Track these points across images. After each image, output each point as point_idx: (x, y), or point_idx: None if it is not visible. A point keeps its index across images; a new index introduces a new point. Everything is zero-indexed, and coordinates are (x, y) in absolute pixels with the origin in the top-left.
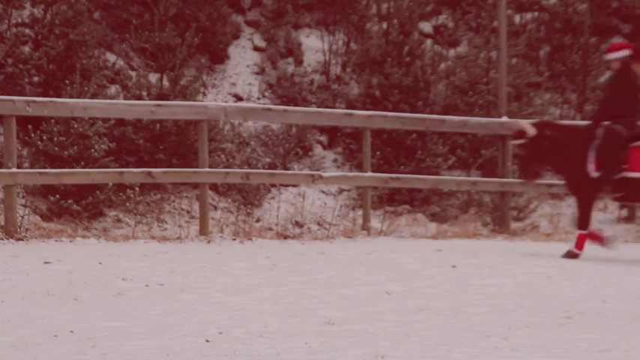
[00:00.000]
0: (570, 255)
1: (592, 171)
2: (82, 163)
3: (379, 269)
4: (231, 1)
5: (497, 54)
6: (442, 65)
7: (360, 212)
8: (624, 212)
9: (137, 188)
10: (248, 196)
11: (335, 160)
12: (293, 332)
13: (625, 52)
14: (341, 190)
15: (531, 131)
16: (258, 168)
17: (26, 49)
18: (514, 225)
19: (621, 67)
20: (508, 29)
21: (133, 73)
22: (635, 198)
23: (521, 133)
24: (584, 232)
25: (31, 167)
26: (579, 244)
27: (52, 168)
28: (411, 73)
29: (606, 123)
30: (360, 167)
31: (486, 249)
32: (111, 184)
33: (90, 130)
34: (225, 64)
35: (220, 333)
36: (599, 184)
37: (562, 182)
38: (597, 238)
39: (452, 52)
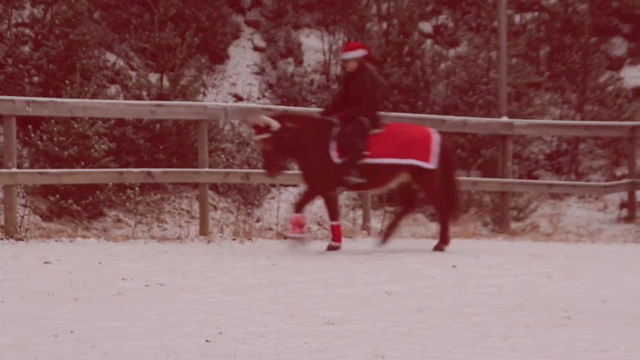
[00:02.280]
0: (331, 248)
1: (335, 157)
2: (82, 163)
3: (379, 269)
4: (231, 1)
5: (497, 54)
6: (442, 65)
7: (360, 212)
8: (624, 212)
9: (137, 188)
10: (248, 196)
11: None
12: (293, 332)
13: (361, 52)
14: (341, 190)
15: (275, 125)
16: (258, 168)
17: (26, 49)
18: (514, 225)
19: (359, 67)
20: (508, 29)
21: (133, 73)
22: (377, 185)
23: (264, 128)
24: (337, 223)
25: (31, 167)
26: (337, 236)
27: (52, 168)
28: (411, 73)
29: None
30: None
31: (486, 249)
32: (111, 184)
33: (90, 130)
34: (225, 64)
35: (220, 333)
36: (343, 171)
37: (301, 174)
38: (299, 226)
39: (452, 52)
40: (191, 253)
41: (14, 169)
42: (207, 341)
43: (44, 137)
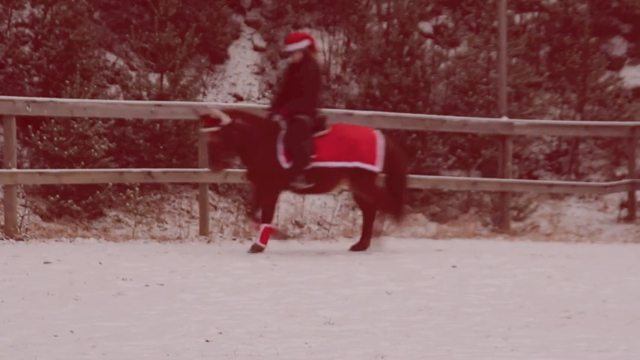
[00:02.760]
0: (255, 249)
1: (283, 162)
2: (82, 163)
3: (379, 269)
4: (231, 1)
5: (497, 54)
6: (442, 65)
7: (360, 212)
8: (624, 212)
9: (137, 188)
10: (248, 196)
11: None
12: (293, 332)
13: (305, 43)
14: (341, 190)
15: (226, 119)
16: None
17: (26, 49)
18: (514, 225)
19: (304, 58)
20: (508, 29)
21: (133, 73)
22: (323, 189)
23: (214, 121)
24: (269, 225)
25: (31, 167)
26: (264, 238)
27: (52, 168)
28: (411, 73)
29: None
30: None
31: (486, 249)
32: (111, 184)
33: (90, 130)
34: (225, 64)
35: (220, 333)
36: (291, 175)
37: (246, 174)
38: (274, 232)
39: (452, 52)
40: (191, 253)
41: (14, 169)
42: (207, 341)
43: (44, 137)
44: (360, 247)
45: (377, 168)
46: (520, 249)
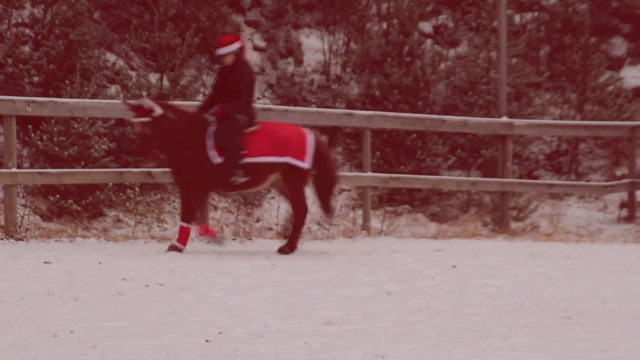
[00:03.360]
0: (173, 248)
1: (215, 157)
2: (82, 163)
3: (379, 269)
4: (231, 1)
5: (497, 54)
6: (442, 65)
7: (360, 212)
8: (624, 212)
9: (137, 188)
10: (248, 196)
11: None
12: (293, 332)
13: (237, 45)
14: (341, 190)
15: (158, 111)
16: None
17: (26, 49)
18: (514, 225)
19: (236, 61)
20: (508, 29)
21: (133, 73)
22: (253, 184)
23: (146, 111)
24: (188, 225)
25: (31, 167)
26: (182, 238)
27: (52, 168)
28: (411, 73)
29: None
30: (360, 167)
31: (486, 249)
32: (111, 184)
33: (90, 130)
34: None
35: (220, 333)
36: (226, 171)
37: (172, 172)
38: (209, 233)
39: (452, 52)
40: (191, 253)
41: (14, 169)
42: (207, 341)
43: (44, 137)
44: (287, 248)
45: (306, 165)
46: (520, 249)
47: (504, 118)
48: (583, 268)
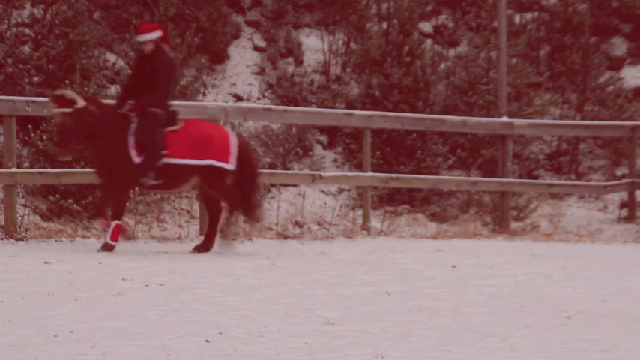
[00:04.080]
0: (106, 247)
1: (134, 156)
2: (82, 163)
3: (379, 269)
4: (231, 1)
5: (497, 54)
6: (442, 65)
7: (360, 212)
8: (624, 212)
9: (137, 188)
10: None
11: (335, 160)
12: (293, 332)
13: (157, 33)
14: (341, 190)
15: (81, 103)
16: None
17: (26, 49)
18: (514, 225)
19: (155, 50)
20: (508, 29)
21: None
22: (173, 186)
23: (68, 102)
24: (120, 222)
25: (31, 167)
26: (114, 236)
27: (52, 168)
28: (411, 73)
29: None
30: (360, 167)
31: (486, 249)
32: None
33: None
34: (225, 64)
35: (220, 333)
36: (140, 170)
37: (96, 169)
38: (122, 230)
39: (452, 52)
40: (191, 253)
41: (14, 169)
42: (207, 341)
43: (44, 137)
44: (203, 247)
45: (230, 166)
46: (520, 249)
47: (504, 118)
48: (583, 268)
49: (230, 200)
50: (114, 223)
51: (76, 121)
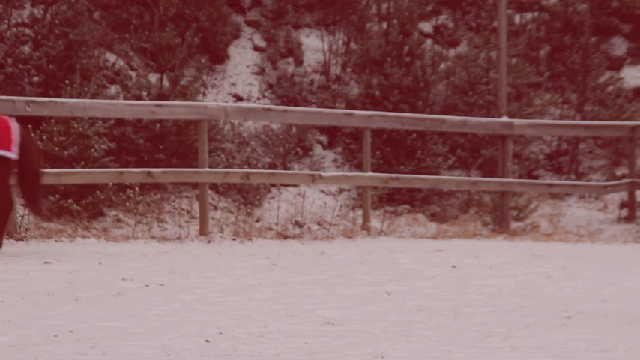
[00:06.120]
0: None
1: None
2: (82, 163)
3: (379, 269)
4: (231, 1)
5: (497, 54)
6: (442, 65)
7: (360, 212)
8: (624, 212)
9: (137, 188)
10: (248, 196)
11: (335, 160)
12: (293, 332)
13: None
14: (341, 190)
15: None
16: (258, 168)
17: (26, 49)
18: (514, 225)
19: None
20: (508, 29)
21: (133, 73)
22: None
23: None
24: None
25: None
26: None
27: (52, 168)
28: (411, 73)
29: None
30: (360, 167)
31: (486, 249)
32: (111, 184)
33: (90, 130)
34: (225, 64)
35: (220, 333)
36: None
37: None
38: None
39: (452, 52)
40: (191, 253)
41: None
42: (207, 341)
43: (44, 137)
44: None
45: (13, 155)
46: (520, 249)
47: (504, 118)
48: (583, 268)
49: (2, 196)
50: None
51: None
